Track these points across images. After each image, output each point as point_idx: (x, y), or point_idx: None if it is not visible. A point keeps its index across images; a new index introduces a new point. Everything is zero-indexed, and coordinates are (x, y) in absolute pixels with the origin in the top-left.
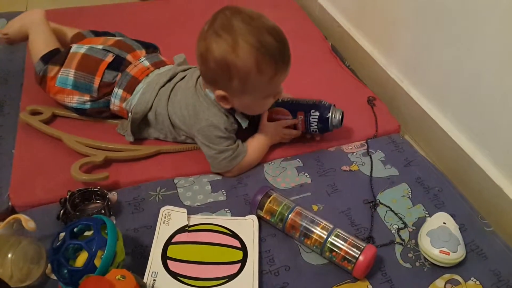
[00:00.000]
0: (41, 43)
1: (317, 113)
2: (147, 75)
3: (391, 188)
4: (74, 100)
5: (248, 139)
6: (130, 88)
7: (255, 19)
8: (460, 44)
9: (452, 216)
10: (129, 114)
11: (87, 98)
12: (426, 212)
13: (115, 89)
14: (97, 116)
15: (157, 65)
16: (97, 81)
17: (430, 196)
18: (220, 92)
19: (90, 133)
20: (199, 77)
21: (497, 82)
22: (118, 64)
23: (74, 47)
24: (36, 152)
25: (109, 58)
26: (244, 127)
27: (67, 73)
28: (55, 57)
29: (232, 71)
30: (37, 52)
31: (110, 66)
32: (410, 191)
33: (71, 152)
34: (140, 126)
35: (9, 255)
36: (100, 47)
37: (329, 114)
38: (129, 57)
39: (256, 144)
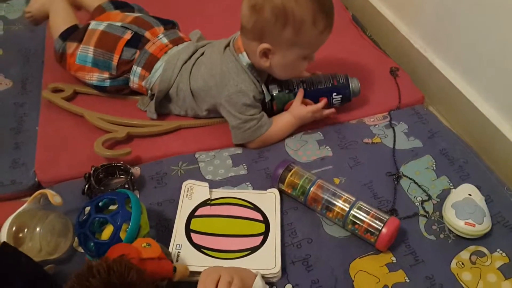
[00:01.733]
0: (59, 21)
1: (340, 96)
2: (166, 52)
3: (415, 160)
4: (94, 77)
5: (275, 116)
6: (148, 66)
7: None
8: (487, 10)
9: (477, 188)
10: (148, 92)
11: (106, 75)
12: (451, 184)
13: (134, 67)
14: (117, 93)
15: (176, 42)
16: (115, 59)
17: (455, 167)
18: (265, 45)
19: (112, 109)
20: (227, 45)
21: None
22: (137, 41)
23: (92, 24)
24: (60, 129)
25: (128, 35)
26: (267, 100)
27: (87, 50)
28: (73, 33)
29: (288, 18)
30: (56, 30)
31: (129, 43)
32: (434, 163)
33: (94, 128)
34: (161, 103)
35: (38, 229)
36: (119, 24)
37: (350, 91)
38: (147, 34)
39: (282, 122)
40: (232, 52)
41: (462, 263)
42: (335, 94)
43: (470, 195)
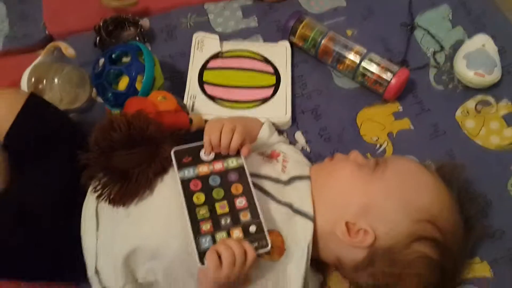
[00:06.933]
0: None
1: None
2: None
3: (431, 9)
4: None
5: None
6: None
7: None
8: None
9: (492, 38)
10: None
11: None
12: (466, 35)
13: None
14: None
15: None
16: None
17: (472, 18)
18: None
19: None
20: None
21: None
22: None
23: None
24: None
25: None
26: None
27: None
28: None
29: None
30: None
31: None
32: (451, 13)
33: None
34: None
35: (56, 80)
36: None
37: None
38: None
39: None
40: None
41: (467, 112)
42: None
43: (483, 45)
